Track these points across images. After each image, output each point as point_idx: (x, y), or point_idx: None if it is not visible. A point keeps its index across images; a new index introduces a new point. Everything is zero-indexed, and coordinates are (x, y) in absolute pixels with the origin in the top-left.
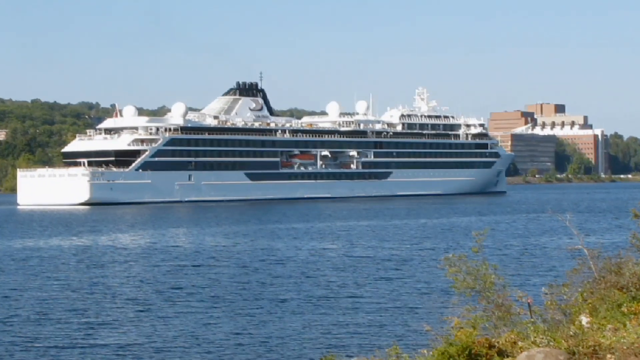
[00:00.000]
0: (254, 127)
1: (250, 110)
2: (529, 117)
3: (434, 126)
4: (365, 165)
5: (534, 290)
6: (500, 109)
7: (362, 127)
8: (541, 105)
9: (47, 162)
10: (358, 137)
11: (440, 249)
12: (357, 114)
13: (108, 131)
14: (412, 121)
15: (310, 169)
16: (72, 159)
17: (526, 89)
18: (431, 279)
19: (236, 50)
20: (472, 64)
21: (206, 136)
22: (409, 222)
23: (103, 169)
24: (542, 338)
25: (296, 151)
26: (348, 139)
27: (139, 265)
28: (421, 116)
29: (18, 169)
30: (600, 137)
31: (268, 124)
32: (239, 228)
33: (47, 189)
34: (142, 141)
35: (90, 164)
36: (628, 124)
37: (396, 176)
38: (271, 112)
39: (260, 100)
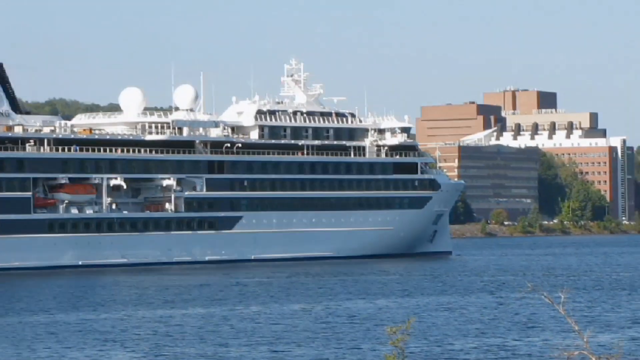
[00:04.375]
0: None
1: None
2: (491, 114)
3: (317, 132)
4: (191, 204)
5: None
6: (438, 102)
7: (185, 133)
8: (513, 92)
9: None
10: (179, 153)
11: None
12: (177, 109)
13: None
14: (278, 123)
15: (89, 212)
16: None
17: (486, 66)
18: None
19: None
20: (387, 24)
21: None
22: (267, 310)
23: None
24: None
25: (63, 178)
26: (160, 157)
27: None
28: (295, 114)
29: None
30: (619, 151)
31: (9, 129)
32: None
33: None
34: None
35: None
36: None
37: (249, 224)
38: (15, 106)
39: None
